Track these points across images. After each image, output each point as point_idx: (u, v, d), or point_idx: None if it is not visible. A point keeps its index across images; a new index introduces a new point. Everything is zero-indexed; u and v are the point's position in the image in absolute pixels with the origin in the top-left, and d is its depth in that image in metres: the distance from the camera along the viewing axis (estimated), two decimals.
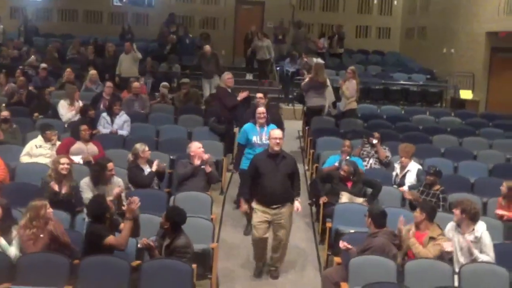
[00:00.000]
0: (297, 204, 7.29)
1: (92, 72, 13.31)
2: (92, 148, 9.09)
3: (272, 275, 7.41)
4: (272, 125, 8.53)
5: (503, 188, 7.89)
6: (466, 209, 6.25)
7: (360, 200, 8.18)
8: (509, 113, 14.15)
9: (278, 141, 7.18)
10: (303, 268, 7.77)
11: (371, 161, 9.69)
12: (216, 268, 6.95)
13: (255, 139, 8.47)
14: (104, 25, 21.23)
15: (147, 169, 8.21)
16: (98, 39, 17.95)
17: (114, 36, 18.79)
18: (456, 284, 6.04)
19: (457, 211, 6.31)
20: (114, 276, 5.76)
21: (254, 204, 7.26)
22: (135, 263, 6.14)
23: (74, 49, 16.80)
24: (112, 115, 10.53)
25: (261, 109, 8.61)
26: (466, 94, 16.74)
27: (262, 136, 8.44)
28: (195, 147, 8.38)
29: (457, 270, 6.18)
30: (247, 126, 8.64)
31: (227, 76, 10.90)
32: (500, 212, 7.84)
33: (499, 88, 16.62)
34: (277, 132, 7.32)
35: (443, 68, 18.07)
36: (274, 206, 7.14)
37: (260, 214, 7.16)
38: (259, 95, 9.96)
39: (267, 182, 7.10)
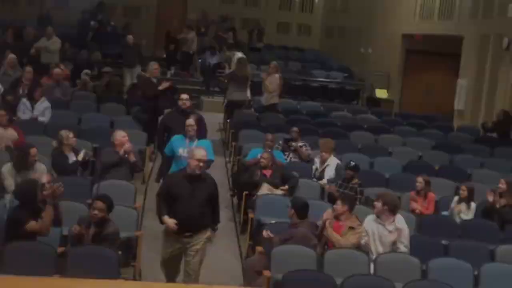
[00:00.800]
0: (210, 234, 6.43)
1: (11, 56, 12.89)
2: (11, 133, 8.96)
3: None
4: (203, 141, 8.08)
5: (420, 183, 8.30)
6: (388, 201, 6.56)
7: (279, 191, 8.43)
8: (421, 113, 14.85)
9: (201, 164, 6.19)
10: (224, 258, 7.90)
11: (291, 155, 9.95)
12: (140, 256, 7.00)
13: (181, 151, 7.90)
14: (22, 7, 20.52)
15: (71, 157, 8.13)
16: (15, 23, 17.30)
17: (31, 20, 18.19)
18: (372, 272, 6.37)
19: (378, 203, 6.60)
20: (40, 262, 5.71)
21: (164, 231, 6.40)
22: (60, 249, 6.11)
23: None
24: (33, 101, 10.33)
25: (190, 121, 8.10)
26: (381, 93, 17.40)
27: None
28: (120, 135, 8.33)
29: (374, 258, 6.49)
30: (175, 137, 8.11)
31: (154, 66, 10.93)
32: (413, 206, 8.28)
33: (412, 89, 17.36)
34: (200, 153, 6.26)
35: (360, 67, 18.65)
36: (187, 234, 6.26)
37: (169, 244, 6.36)
38: (185, 96, 9.26)
39: (181, 208, 6.17)
